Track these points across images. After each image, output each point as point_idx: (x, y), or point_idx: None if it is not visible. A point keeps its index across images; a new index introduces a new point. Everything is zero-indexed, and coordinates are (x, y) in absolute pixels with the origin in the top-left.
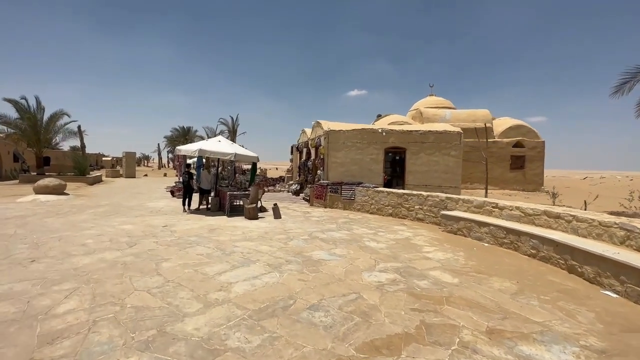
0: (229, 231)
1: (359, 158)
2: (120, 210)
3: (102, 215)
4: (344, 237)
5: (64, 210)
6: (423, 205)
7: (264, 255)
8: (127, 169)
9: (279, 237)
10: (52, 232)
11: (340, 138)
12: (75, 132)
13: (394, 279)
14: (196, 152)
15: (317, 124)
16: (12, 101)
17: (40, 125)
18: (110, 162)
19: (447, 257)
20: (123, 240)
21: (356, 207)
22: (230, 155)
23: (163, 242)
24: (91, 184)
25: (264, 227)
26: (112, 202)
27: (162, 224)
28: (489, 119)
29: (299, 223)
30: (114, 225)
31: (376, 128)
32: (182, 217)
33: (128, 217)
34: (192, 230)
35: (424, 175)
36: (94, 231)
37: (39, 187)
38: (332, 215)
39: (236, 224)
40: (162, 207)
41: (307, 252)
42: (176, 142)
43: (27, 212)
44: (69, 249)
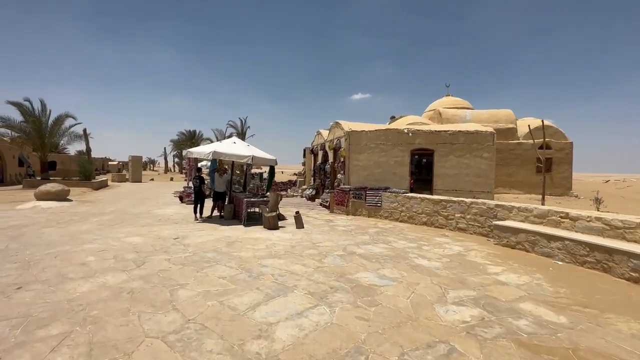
0: (250, 244)
1: (383, 161)
2: (126, 218)
3: (106, 225)
4: (386, 253)
5: (65, 218)
6: (465, 213)
7: (301, 278)
8: (134, 173)
9: (310, 252)
10: (48, 247)
11: (362, 139)
12: (81, 136)
13: (480, 316)
14: (210, 154)
15: (336, 125)
16: (16, 104)
17: (45, 128)
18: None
19: (526, 281)
20: (129, 258)
21: (383, 215)
22: (247, 158)
23: (176, 260)
24: (96, 188)
25: (288, 239)
26: (118, 208)
27: (173, 235)
28: (512, 119)
29: (326, 234)
30: (119, 237)
31: (402, 128)
32: (194, 226)
33: (134, 227)
34: (207, 243)
35: (454, 179)
36: (97, 245)
37: (41, 192)
38: (360, 224)
39: (256, 235)
40: (171, 214)
41: (351, 274)
42: (182, 146)
43: (25, 220)
44: (66, 270)
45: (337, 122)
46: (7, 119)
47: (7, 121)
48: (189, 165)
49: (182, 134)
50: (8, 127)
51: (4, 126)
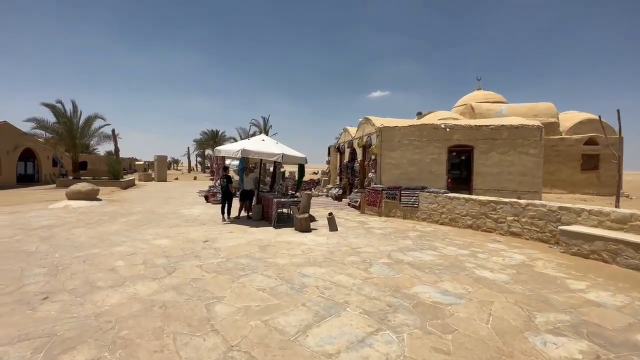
0: (285, 249)
1: (418, 158)
2: (153, 218)
3: (134, 226)
4: (438, 262)
5: (95, 219)
6: (520, 216)
7: (350, 292)
8: (159, 172)
9: (352, 260)
10: (77, 249)
11: (395, 136)
12: (110, 136)
13: (592, 352)
14: (238, 152)
15: (366, 121)
16: (49, 105)
17: (76, 129)
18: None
19: (625, 302)
20: (159, 263)
21: (421, 217)
22: (277, 156)
23: (209, 267)
24: (124, 188)
25: (323, 243)
26: (145, 208)
27: (202, 237)
28: (553, 113)
29: (363, 238)
30: (147, 239)
31: (438, 123)
32: (222, 228)
33: (162, 228)
34: (239, 247)
35: (496, 178)
36: (125, 248)
37: (72, 192)
38: (397, 227)
39: (288, 238)
40: (198, 214)
41: (406, 288)
42: (205, 145)
43: (56, 220)
44: (94, 277)
45: (367, 117)
46: (42, 120)
47: (41, 122)
48: (216, 164)
49: (204, 133)
50: (42, 128)
51: (38, 127)
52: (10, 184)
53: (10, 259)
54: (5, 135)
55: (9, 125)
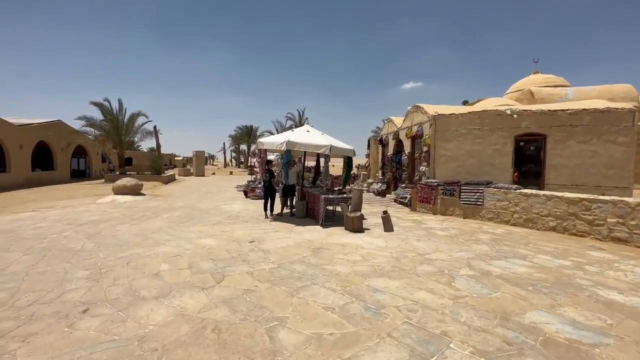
0: (341, 254)
1: (478, 149)
2: (195, 214)
3: (177, 222)
4: (536, 275)
5: (138, 214)
6: (627, 218)
7: (444, 318)
8: (197, 167)
9: (425, 269)
10: (121, 249)
11: (451, 124)
12: (152, 132)
13: None
14: (283, 144)
15: (416, 109)
16: (97, 104)
17: (121, 126)
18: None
19: None
20: (206, 268)
21: (486, 216)
22: (324, 148)
23: (260, 275)
24: (166, 182)
25: (383, 246)
26: (186, 203)
27: (247, 237)
28: (633, 96)
29: (426, 240)
30: (191, 237)
31: (502, 109)
32: (266, 226)
33: (205, 225)
34: (289, 250)
35: (574, 171)
36: (169, 248)
37: (118, 187)
38: (460, 227)
39: (341, 239)
40: (239, 211)
41: (516, 315)
42: (240, 141)
43: (103, 216)
44: (138, 284)
45: (417, 105)
46: (91, 118)
47: (90, 120)
48: (259, 158)
49: (239, 129)
50: (91, 125)
51: (88, 125)
52: (65, 179)
53: (56, 259)
54: (59, 133)
55: (62, 124)
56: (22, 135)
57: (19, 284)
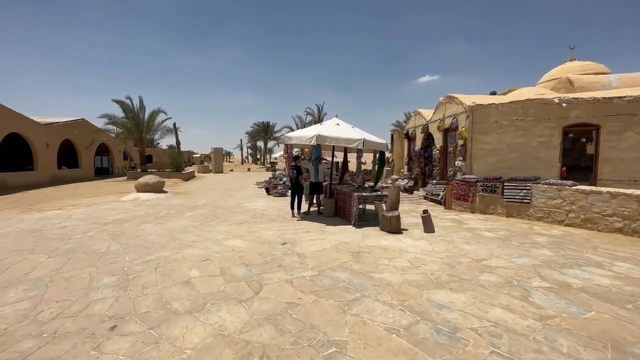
0: (385, 259)
1: (520, 142)
2: (219, 213)
3: (201, 221)
4: (629, 289)
5: (162, 212)
6: None
7: (540, 348)
8: (216, 164)
9: (489, 279)
10: (148, 251)
11: (490, 115)
12: (171, 130)
13: None
14: (313, 139)
15: (449, 100)
16: (119, 102)
17: (142, 123)
18: (199, 159)
19: None
20: (240, 275)
21: (534, 215)
22: (357, 142)
23: (301, 284)
24: (186, 179)
25: (429, 250)
26: (209, 201)
27: (278, 238)
28: None
29: (475, 243)
30: (218, 239)
31: (549, 97)
32: (295, 225)
33: (231, 225)
34: (326, 254)
35: (632, 166)
36: (197, 251)
37: (140, 185)
38: (508, 228)
39: (380, 241)
40: (264, 209)
41: (633, 344)
42: (257, 137)
43: (127, 214)
44: (169, 294)
45: (450, 96)
46: (113, 116)
47: (112, 118)
48: (286, 154)
49: (256, 125)
50: (113, 123)
51: (110, 123)
52: (90, 177)
53: (81, 262)
54: (83, 131)
55: (86, 122)
56: (48, 133)
57: (43, 291)
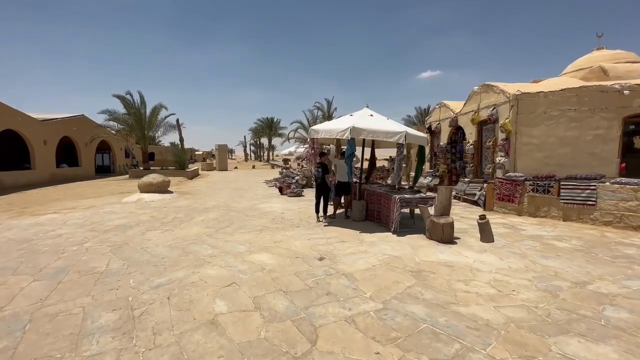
0: (459, 282)
1: (573, 135)
2: (233, 217)
3: (215, 228)
4: None
5: (169, 216)
6: None
7: None
8: (220, 162)
9: (620, 317)
10: (157, 270)
11: (539, 105)
12: (174, 126)
13: None
14: (346, 132)
15: (486, 89)
16: (119, 97)
17: (144, 119)
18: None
19: None
20: (280, 309)
21: (601, 219)
22: (398, 136)
23: (368, 325)
24: (190, 178)
25: (503, 268)
26: (219, 202)
27: (311, 250)
28: None
29: (555, 257)
30: (240, 251)
31: (607, 84)
32: (325, 232)
33: (250, 232)
34: (378, 273)
35: None
36: (218, 270)
37: (144, 184)
38: (579, 236)
39: (438, 255)
40: (282, 211)
41: None
42: (261, 134)
43: (130, 219)
44: (190, 342)
45: (488, 84)
46: (113, 112)
47: (113, 114)
48: (312, 149)
49: (260, 121)
50: (114, 119)
51: (111, 119)
52: (90, 175)
53: (74, 287)
54: (82, 128)
55: (85, 118)
56: (46, 130)
57: (17, 340)
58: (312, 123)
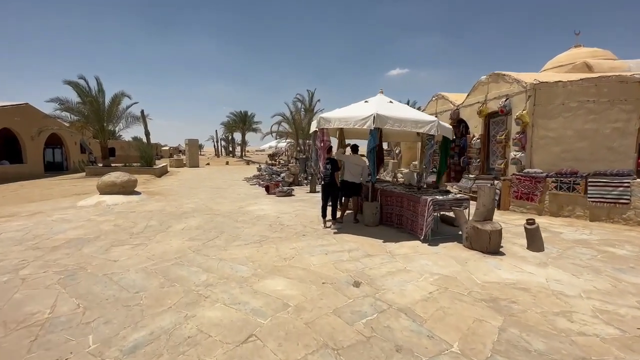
0: (559, 316)
1: (591, 129)
2: (220, 223)
3: (202, 239)
4: None
5: (139, 225)
6: None
7: None
8: (191, 158)
9: None
10: (131, 314)
11: (557, 96)
12: (138, 117)
13: None
14: (368, 120)
15: (496, 78)
16: (72, 83)
17: (102, 109)
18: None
19: None
20: None
21: (635, 219)
22: (429, 126)
23: None
24: (159, 175)
25: (589, 290)
26: (198, 205)
27: (337, 270)
28: None
29: (630, 270)
30: (244, 276)
31: (627, 75)
32: (340, 242)
33: (248, 245)
34: (445, 308)
35: None
36: (221, 311)
37: (105, 184)
38: (628, 240)
39: (496, 272)
40: (276, 215)
41: None
42: (234, 128)
43: (88, 229)
44: None
45: (498, 73)
46: (65, 100)
47: (65, 103)
48: (321, 142)
49: (233, 115)
50: (67, 109)
51: (62, 109)
52: (38, 173)
53: None
54: (27, 118)
55: (31, 107)
56: None
57: None
58: (296, 115)
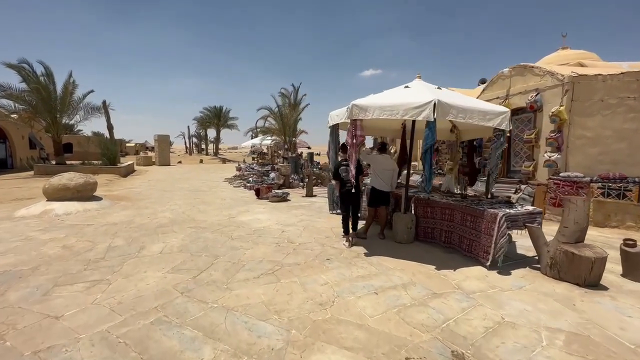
0: None
1: (631, 128)
2: (211, 243)
3: (190, 272)
4: None
5: (100, 248)
6: None
7: None
8: (161, 155)
9: None
10: None
11: (596, 91)
12: (99, 108)
13: None
14: (426, 109)
15: (521, 70)
16: (14, 67)
17: (53, 99)
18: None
19: None
20: None
21: None
22: (500, 118)
23: None
24: (124, 175)
25: None
26: (177, 214)
27: (406, 325)
28: None
29: None
30: (275, 347)
31: None
32: (386, 273)
33: (259, 279)
34: None
35: None
36: None
37: (54, 188)
38: None
39: (636, 324)
40: (280, 228)
41: None
42: (208, 124)
43: (24, 255)
44: None
45: (524, 65)
46: (8, 87)
47: (7, 90)
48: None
49: (206, 110)
50: (9, 97)
51: (4, 96)
52: None
53: None
54: None
55: None
56: None
57: None
58: (283, 109)
